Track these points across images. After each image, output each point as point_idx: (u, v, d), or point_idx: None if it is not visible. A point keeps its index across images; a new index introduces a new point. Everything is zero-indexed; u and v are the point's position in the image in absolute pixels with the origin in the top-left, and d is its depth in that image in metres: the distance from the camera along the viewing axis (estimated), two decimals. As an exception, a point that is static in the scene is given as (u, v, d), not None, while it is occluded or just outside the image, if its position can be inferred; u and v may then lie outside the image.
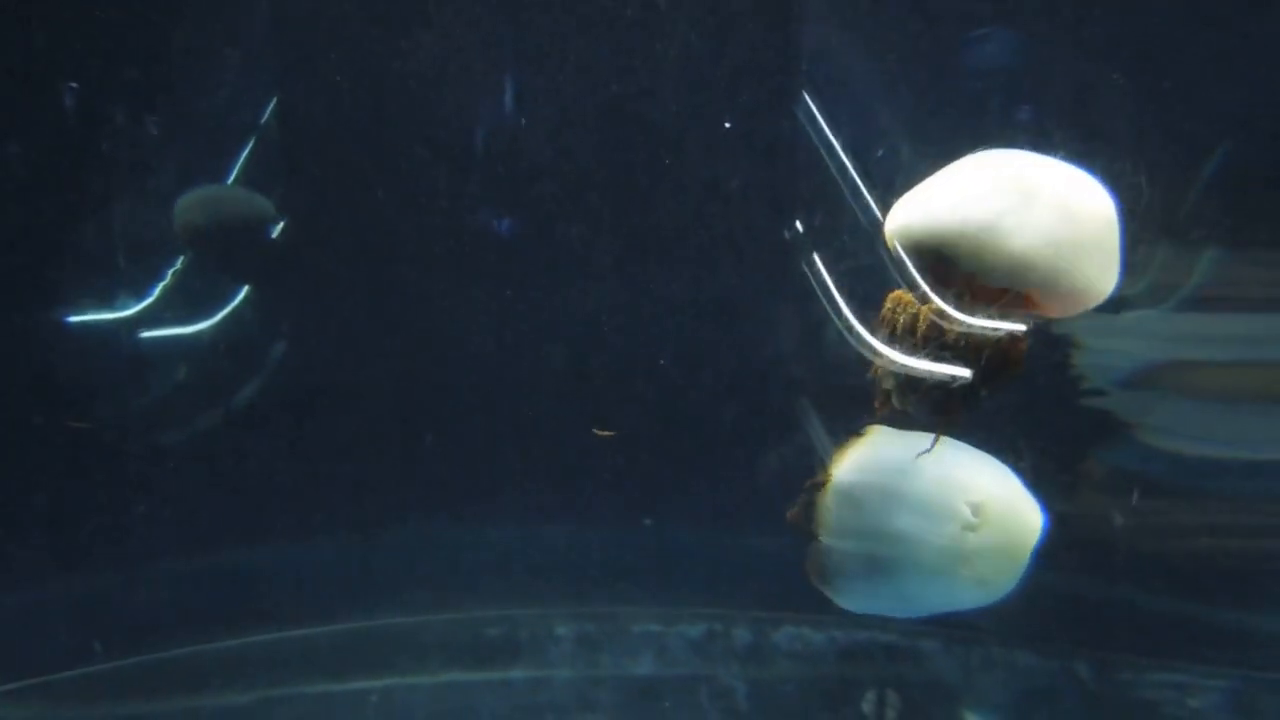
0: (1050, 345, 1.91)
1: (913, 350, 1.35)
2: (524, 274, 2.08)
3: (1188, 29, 1.79)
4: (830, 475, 1.49)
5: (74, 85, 1.95)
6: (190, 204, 2.09)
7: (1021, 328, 1.35)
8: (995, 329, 1.31)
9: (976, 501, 1.44)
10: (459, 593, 2.23)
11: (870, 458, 1.50)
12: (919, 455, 1.45)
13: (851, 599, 1.53)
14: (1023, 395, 1.88)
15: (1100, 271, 1.30)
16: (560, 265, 2.07)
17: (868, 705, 2.02)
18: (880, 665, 2.11)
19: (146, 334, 2.15)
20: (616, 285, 2.10)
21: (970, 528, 1.44)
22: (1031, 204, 1.28)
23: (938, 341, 1.34)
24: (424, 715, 2.10)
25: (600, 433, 1.93)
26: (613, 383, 2.09)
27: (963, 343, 1.32)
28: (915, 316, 1.35)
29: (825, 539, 1.50)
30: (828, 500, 1.49)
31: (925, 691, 2.11)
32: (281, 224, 2.12)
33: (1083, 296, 1.31)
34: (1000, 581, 1.50)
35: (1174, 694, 2.07)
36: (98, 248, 2.08)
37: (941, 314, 1.33)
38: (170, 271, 2.12)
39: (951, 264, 1.31)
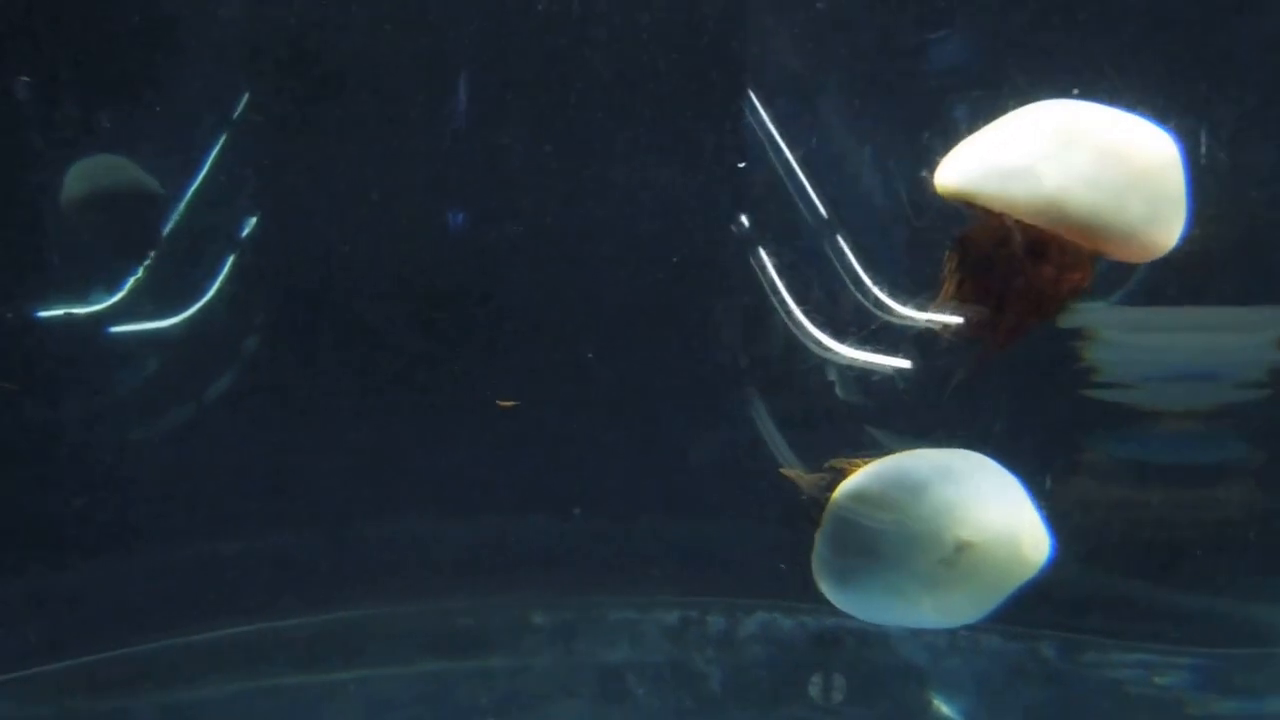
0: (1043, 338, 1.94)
1: (960, 289, 1.38)
2: (494, 268, 2.10)
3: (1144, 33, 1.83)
4: (849, 471, 1.50)
5: (26, 79, 1.94)
6: (73, 173, 2.08)
7: (961, 319, 1.40)
8: (944, 324, 1.35)
9: (966, 540, 1.44)
10: (435, 583, 2.24)
11: (890, 468, 1.50)
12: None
13: (828, 590, 1.55)
14: (1004, 380, 1.92)
15: (1153, 213, 1.31)
16: (519, 254, 2.09)
17: (814, 689, 2.06)
18: (850, 650, 2.14)
19: (118, 328, 2.15)
20: (572, 282, 2.12)
21: (948, 564, 1.45)
22: (1071, 148, 1.30)
23: (978, 278, 1.37)
24: (403, 705, 2.12)
25: (503, 404, 1.95)
26: (575, 374, 2.12)
27: (998, 285, 1.36)
28: (962, 260, 1.39)
29: (821, 530, 1.50)
30: (836, 495, 1.49)
31: (894, 675, 2.14)
32: (160, 198, 2.11)
33: (1141, 240, 1.31)
34: (961, 616, 1.52)
35: (1140, 673, 2.11)
36: (65, 242, 2.08)
37: (981, 256, 1.36)
38: (142, 265, 2.13)
39: (996, 212, 1.33)
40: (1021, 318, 1.37)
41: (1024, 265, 1.33)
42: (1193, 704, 2.09)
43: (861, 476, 1.48)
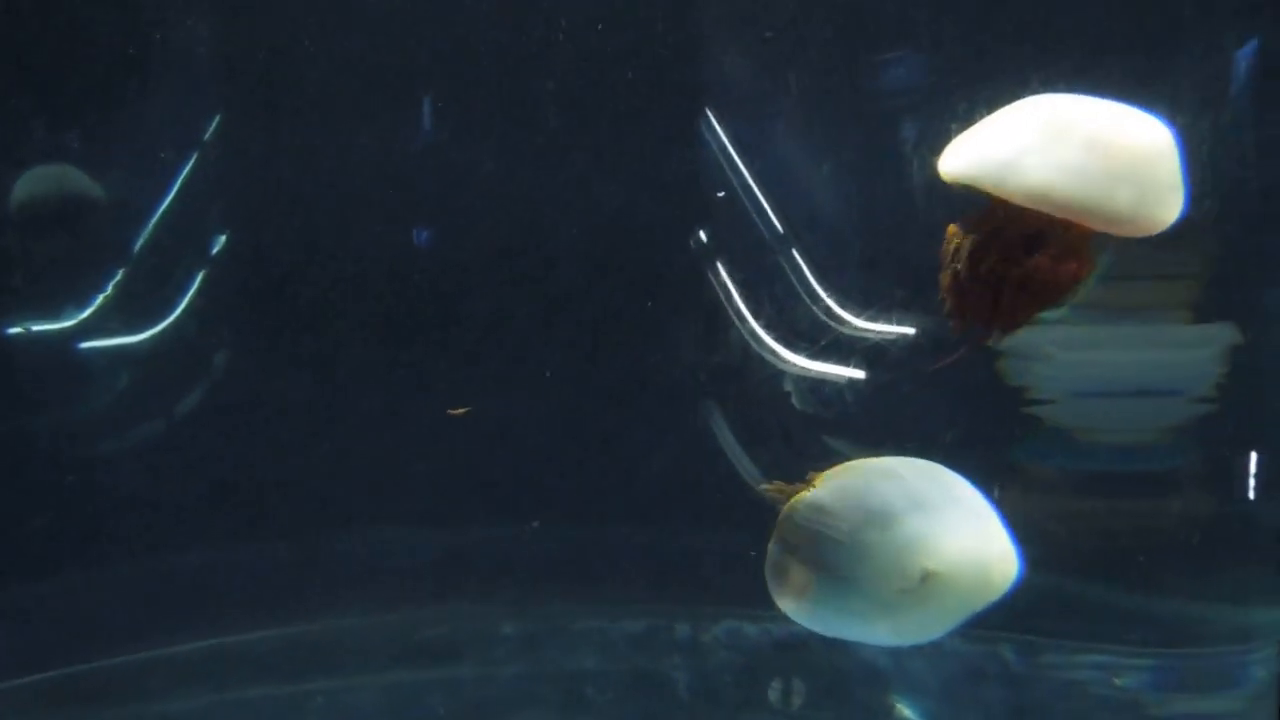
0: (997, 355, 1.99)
1: (957, 277, 1.43)
2: (458, 282, 2.13)
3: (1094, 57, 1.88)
4: (814, 485, 1.51)
5: None
6: (19, 182, 2.10)
7: (910, 331, 1.43)
8: (883, 332, 1.39)
9: (929, 569, 1.44)
10: (402, 594, 2.26)
11: (857, 486, 1.51)
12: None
13: (782, 603, 1.56)
14: (954, 391, 1.97)
15: (1142, 197, 1.36)
16: (482, 269, 2.12)
17: (774, 694, 2.09)
18: (815, 654, 2.17)
19: (87, 344, 2.16)
20: (534, 296, 2.16)
21: (907, 590, 1.46)
22: (1060, 139, 1.36)
23: (975, 269, 1.42)
24: (372, 715, 2.13)
25: (454, 411, 1.98)
26: (537, 388, 2.15)
27: (998, 269, 1.41)
28: (958, 248, 1.44)
29: (780, 540, 1.52)
30: (799, 507, 1.51)
31: (857, 678, 2.17)
32: (101, 204, 2.12)
33: (1133, 224, 1.37)
34: (916, 638, 1.53)
35: (1100, 674, 2.14)
36: (35, 258, 2.10)
37: (977, 245, 1.42)
38: (111, 282, 2.14)
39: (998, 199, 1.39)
40: (1018, 306, 1.41)
41: (1018, 253, 1.38)
42: (1152, 704, 2.13)
43: (828, 491, 1.49)
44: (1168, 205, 1.39)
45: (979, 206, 1.42)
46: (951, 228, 1.45)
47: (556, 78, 2.02)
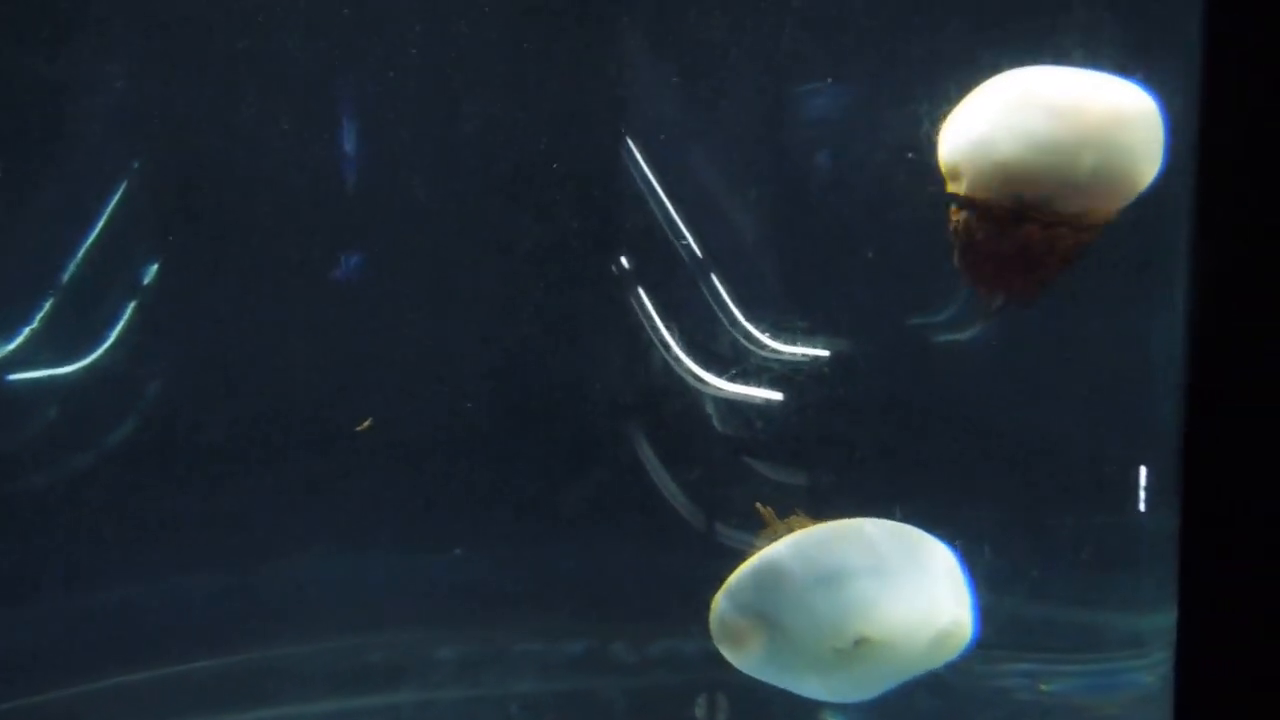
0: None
1: (962, 253, 1.44)
2: (384, 315, 2.16)
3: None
4: (776, 535, 1.51)
5: None
6: None
7: (823, 354, 1.48)
8: (798, 355, 1.43)
9: (864, 635, 1.44)
10: (340, 621, 2.26)
11: (819, 542, 1.49)
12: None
13: (722, 645, 1.58)
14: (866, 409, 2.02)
15: (1107, 163, 1.34)
16: (407, 302, 2.15)
17: (700, 710, 2.12)
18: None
19: (15, 376, 2.14)
20: (457, 328, 2.19)
21: (841, 651, 1.46)
22: (1022, 111, 1.36)
23: (971, 242, 1.44)
24: (311, 743, 2.13)
25: (360, 427, 2.00)
26: (459, 419, 2.17)
27: (992, 241, 1.42)
28: (957, 225, 1.45)
29: (729, 592, 1.52)
30: (752, 564, 1.50)
31: (787, 693, 2.21)
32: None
33: (1099, 188, 1.36)
34: (849, 697, 1.53)
35: (1026, 681, 2.19)
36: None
37: (968, 221, 1.43)
38: (38, 316, 2.13)
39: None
40: (1023, 275, 1.41)
41: (1008, 225, 1.38)
42: (1078, 708, 2.19)
43: (787, 544, 1.47)
44: (1137, 171, 1.37)
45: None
46: (952, 207, 1.46)
47: (477, 105, 2.05)
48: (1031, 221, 1.37)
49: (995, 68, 1.44)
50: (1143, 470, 1.97)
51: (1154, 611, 2.01)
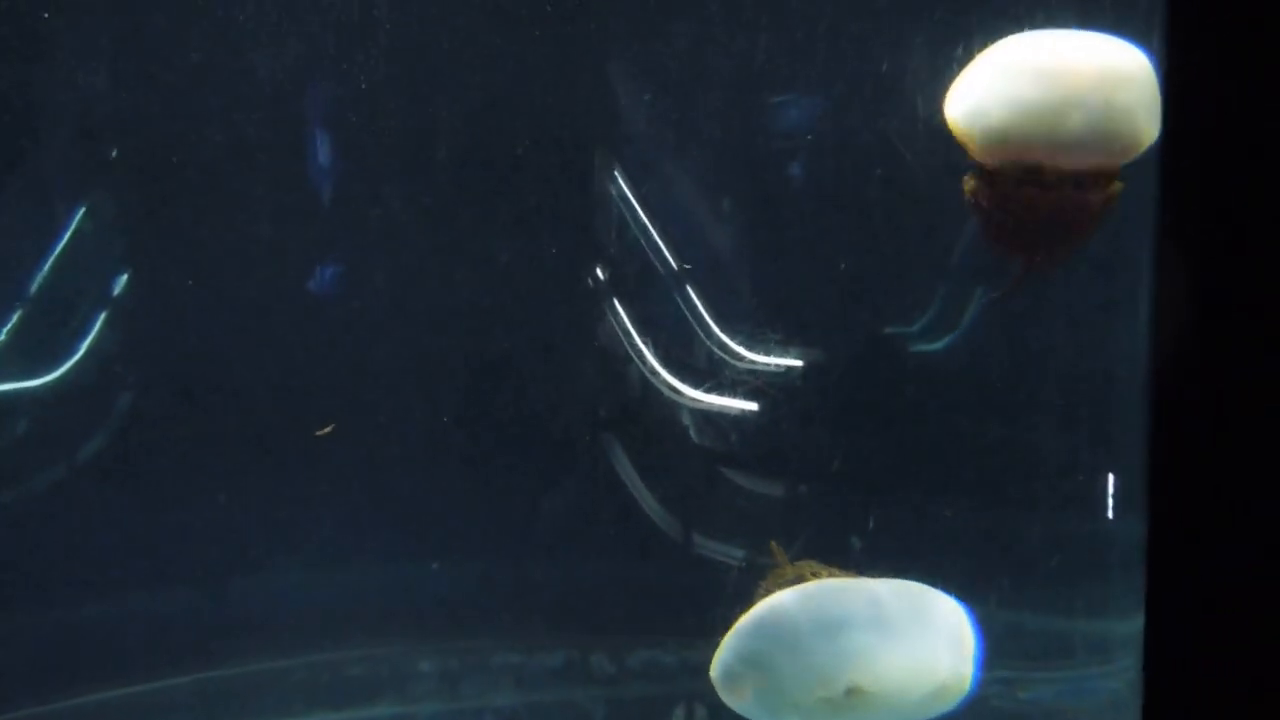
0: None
1: (980, 219, 1.45)
2: (357, 330, 2.15)
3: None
4: (785, 578, 1.54)
5: None
6: None
7: (797, 364, 1.49)
8: (772, 366, 1.44)
9: (856, 685, 1.45)
10: (319, 635, 2.25)
11: (827, 593, 1.51)
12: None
13: (718, 682, 1.59)
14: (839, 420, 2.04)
15: (1096, 122, 1.34)
16: (380, 317, 2.15)
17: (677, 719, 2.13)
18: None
19: (-16, 390, 2.12)
20: (432, 342, 2.19)
21: (830, 700, 1.47)
22: (1010, 75, 1.37)
23: (982, 208, 1.45)
24: (289, 759, 2.11)
25: (320, 432, 2.00)
26: (434, 435, 2.17)
27: (1000, 207, 1.42)
28: (971, 192, 1.46)
29: (733, 641, 1.54)
30: (758, 611, 1.52)
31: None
32: None
33: (1090, 146, 1.35)
34: None
35: (1002, 688, 2.21)
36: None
37: (979, 187, 1.44)
38: (6, 328, 2.11)
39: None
40: (1037, 238, 1.41)
41: (1013, 189, 1.38)
42: (1051, 711, 2.21)
43: (795, 593, 1.49)
44: (1132, 128, 1.35)
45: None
46: (968, 176, 1.47)
47: (453, 122, 2.06)
48: (1033, 185, 1.37)
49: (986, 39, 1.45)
50: (1110, 478, 2.00)
51: (1123, 618, 2.04)
